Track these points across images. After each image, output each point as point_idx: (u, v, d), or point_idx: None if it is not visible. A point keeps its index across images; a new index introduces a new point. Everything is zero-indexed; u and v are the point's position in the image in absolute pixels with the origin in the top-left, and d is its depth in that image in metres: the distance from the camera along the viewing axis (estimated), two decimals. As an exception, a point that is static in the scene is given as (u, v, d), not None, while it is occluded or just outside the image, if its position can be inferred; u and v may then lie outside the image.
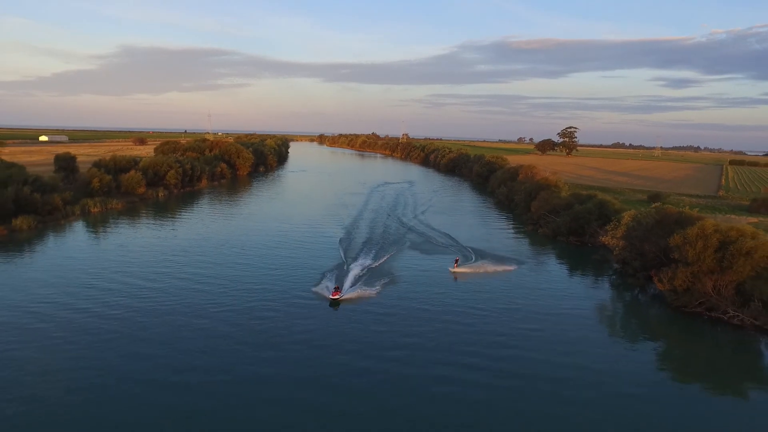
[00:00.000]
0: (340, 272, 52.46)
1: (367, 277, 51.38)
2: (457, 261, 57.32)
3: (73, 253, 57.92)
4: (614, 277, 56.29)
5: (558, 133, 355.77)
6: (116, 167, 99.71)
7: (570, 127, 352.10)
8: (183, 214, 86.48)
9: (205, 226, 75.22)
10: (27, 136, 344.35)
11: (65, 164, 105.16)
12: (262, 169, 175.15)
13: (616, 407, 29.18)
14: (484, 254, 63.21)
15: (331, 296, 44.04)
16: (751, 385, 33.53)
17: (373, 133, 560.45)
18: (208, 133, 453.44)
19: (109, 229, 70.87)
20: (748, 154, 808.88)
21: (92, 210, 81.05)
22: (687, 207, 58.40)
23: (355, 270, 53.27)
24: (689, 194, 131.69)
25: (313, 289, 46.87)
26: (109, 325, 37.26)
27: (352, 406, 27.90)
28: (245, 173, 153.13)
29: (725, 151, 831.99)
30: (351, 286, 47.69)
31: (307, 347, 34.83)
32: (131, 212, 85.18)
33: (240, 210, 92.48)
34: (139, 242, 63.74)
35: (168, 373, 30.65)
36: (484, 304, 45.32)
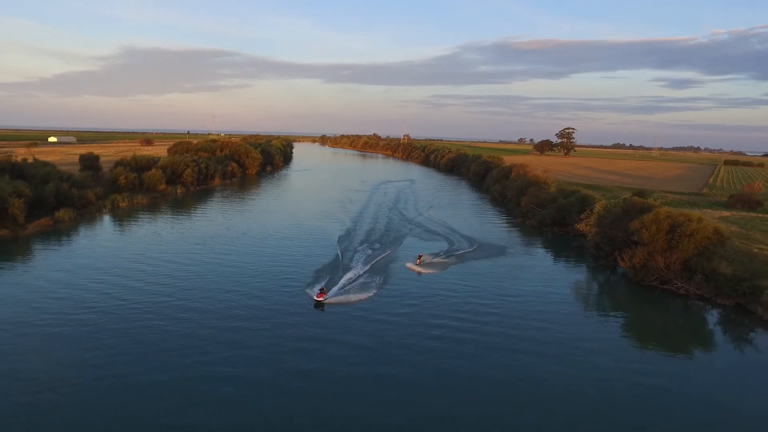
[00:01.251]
0: (333, 272, 53.66)
1: (359, 278, 51.99)
2: (420, 257, 58.33)
3: (109, 241, 65.96)
4: (589, 260, 63.89)
5: (556, 134, 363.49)
6: (137, 166, 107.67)
7: (568, 128, 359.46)
8: (200, 209, 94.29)
9: (219, 221, 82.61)
10: (35, 137, 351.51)
11: (90, 163, 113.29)
12: (269, 168, 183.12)
13: (583, 362, 35.25)
14: (475, 243, 70.93)
15: (315, 297, 43.94)
16: (694, 343, 40.61)
17: (374, 134, 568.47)
18: (212, 133, 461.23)
19: (137, 221, 78.68)
20: (748, 154, 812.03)
21: (120, 204, 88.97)
22: (652, 199, 65.95)
23: (347, 270, 53.57)
24: (674, 191, 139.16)
25: (305, 290, 47.38)
26: (145, 298, 45.22)
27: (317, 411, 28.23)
28: (254, 172, 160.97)
29: (725, 152, 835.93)
30: (339, 288, 47.58)
31: (282, 349, 35.27)
32: (154, 207, 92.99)
33: (250, 206, 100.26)
34: (162, 233, 71.62)
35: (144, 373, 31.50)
36: (471, 286, 51.55)
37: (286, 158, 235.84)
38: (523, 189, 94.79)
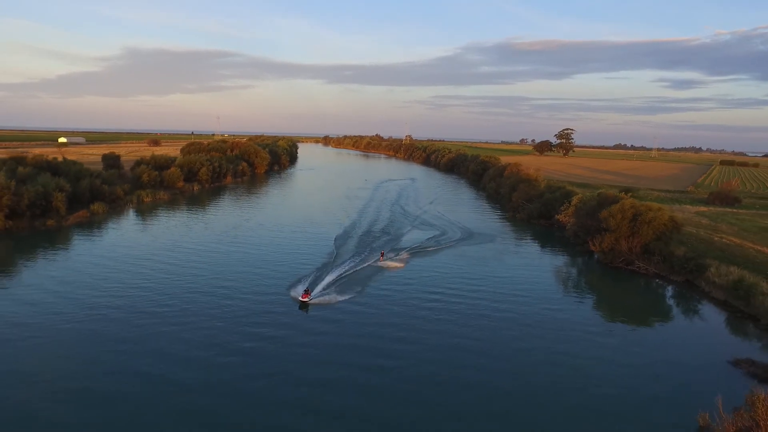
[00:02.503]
0: (323, 270, 54.96)
1: (345, 276, 53.22)
2: (382, 254, 60.07)
3: (138, 231, 74.16)
4: (568, 247, 71.58)
5: (555, 135, 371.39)
6: (157, 165, 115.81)
7: (566, 129, 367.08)
8: (214, 205, 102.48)
9: (231, 217, 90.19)
10: (43, 138, 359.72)
11: (111, 162, 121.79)
12: (276, 168, 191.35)
13: (554, 328, 41.94)
14: (465, 234, 78.87)
15: (300, 299, 44.28)
16: (650, 313, 47.68)
17: (377, 135, 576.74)
18: (216, 134, 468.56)
19: (160, 215, 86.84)
20: (749, 154, 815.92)
21: (145, 200, 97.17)
22: (623, 193, 73.60)
23: (336, 269, 54.63)
24: (661, 189, 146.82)
25: (290, 291, 47.58)
26: (176, 274, 53.33)
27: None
28: (263, 171, 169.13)
29: (727, 152, 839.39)
30: (324, 288, 48.38)
31: (267, 354, 35.10)
32: (174, 203, 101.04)
33: (260, 204, 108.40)
34: (182, 226, 79.82)
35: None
36: (459, 271, 58.51)
37: (292, 158, 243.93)
38: (514, 186, 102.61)
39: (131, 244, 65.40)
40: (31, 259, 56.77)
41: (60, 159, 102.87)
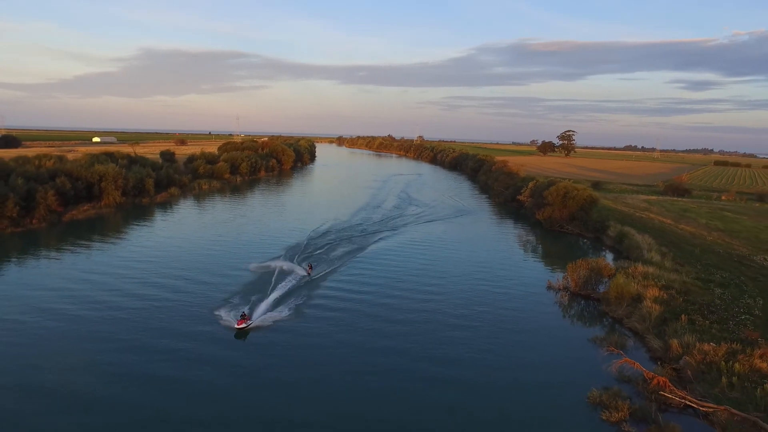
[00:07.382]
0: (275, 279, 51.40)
1: (311, 282, 50.62)
2: (310, 267, 54.76)
3: (204, 207, 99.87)
4: (526, 219, 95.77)
5: (557, 136, 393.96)
6: (207, 160, 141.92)
7: (568, 131, 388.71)
8: (254, 192, 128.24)
9: (267, 201, 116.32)
10: (78, 138, 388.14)
11: (168, 157, 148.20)
12: (299, 164, 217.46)
13: (507, 276, 66.64)
14: (459, 211, 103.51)
15: (236, 326, 38.26)
16: (568, 257, 71.70)
17: (389, 135, 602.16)
18: (234, 134, 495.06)
19: (215, 197, 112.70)
20: (759, 156, 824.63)
21: (203, 187, 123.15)
22: (571, 185, 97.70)
23: (287, 277, 50.93)
24: (630, 183, 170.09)
25: (222, 317, 40.43)
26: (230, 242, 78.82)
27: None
28: (289, 167, 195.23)
29: (739, 154, 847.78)
30: (270, 304, 43.30)
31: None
32: (223, 190, 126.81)
33: (292, 192, 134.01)
34: (231, 206, 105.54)
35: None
36: (438, 245, 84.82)
37: (312, 156, 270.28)
38: (498, 178, 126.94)
39: (199, 215, 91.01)
40: (138, 224, 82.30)
41: (133, 155, 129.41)
